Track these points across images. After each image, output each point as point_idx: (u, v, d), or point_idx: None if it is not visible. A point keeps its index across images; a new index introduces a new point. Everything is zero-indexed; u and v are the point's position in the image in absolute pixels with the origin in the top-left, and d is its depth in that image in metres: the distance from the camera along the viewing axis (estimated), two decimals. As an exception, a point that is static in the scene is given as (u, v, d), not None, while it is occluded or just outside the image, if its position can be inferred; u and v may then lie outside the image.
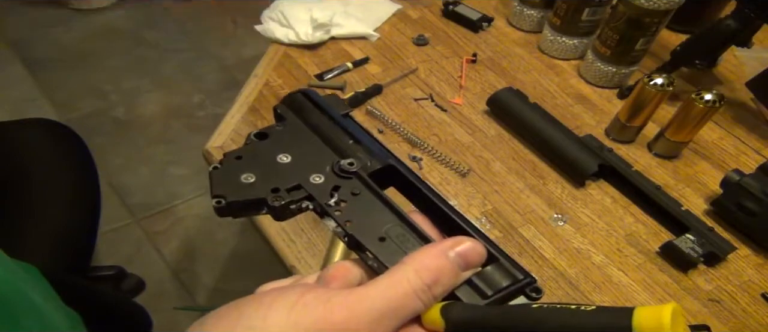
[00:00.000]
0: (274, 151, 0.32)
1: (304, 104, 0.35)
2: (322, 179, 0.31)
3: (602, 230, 0.70)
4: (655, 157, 0.80)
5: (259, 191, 0.31)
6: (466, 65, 0.92)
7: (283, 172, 0.32)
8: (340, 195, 0.31)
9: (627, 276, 0.65)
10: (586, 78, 0.92)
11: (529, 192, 0.74)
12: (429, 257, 0.26)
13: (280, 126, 0.34)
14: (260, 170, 0.31)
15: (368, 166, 0.32)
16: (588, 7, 0.87)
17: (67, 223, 0.89)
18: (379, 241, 0.29)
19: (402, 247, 0.29)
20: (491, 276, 0.27)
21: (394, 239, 0.29)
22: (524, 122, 0.79)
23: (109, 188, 1.63)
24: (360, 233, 0.29)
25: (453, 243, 0.26)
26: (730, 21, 0.80)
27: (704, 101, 0.71)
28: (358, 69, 0.90)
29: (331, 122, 0.34)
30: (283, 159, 0.32)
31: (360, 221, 0.30)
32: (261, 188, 0.31)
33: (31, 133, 0.95)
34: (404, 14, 1.02)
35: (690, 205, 0.73)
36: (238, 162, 0.32)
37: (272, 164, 0.32)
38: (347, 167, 0.32)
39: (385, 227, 0.30)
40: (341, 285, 0.27)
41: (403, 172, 0.33)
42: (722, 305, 0.64)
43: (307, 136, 0.34)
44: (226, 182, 0.31)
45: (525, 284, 0.28)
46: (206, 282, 1.48)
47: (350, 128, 0.34)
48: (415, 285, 0.25)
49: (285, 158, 0.32)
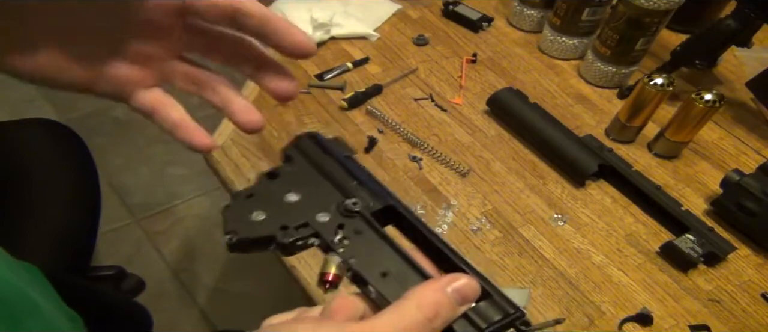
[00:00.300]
0: (283, 190, 0.35)
1: (310, 147, 0.38)
2: (327, 217, 0.34)
3: (602, 230, 0.70)
4: (655, 157, 0.80)
5: (269, 228, 0.33)
6: (466, 65, 0.92)
7: (292, 210, 0.34)
8: (344, 233, 0.33)
9: (627, 276, 0.65)
10: (586, 78, 0.92)
11: (529, 192, 0.74)
12: (429, 292, 0.28)
13: (288, 166, 0.37)
14: (270, 208, 0.34)
15: (370, 206, 0.35)
16: (588, 7, 0.87)
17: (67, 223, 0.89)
18: (381, 276, 0.31)
19: (403, 283, 0.31)
20: (484, 310, 0.30)
21: (395, 275, 0.31)
22: (524, 122, 0.79)
23: (109, 188, 1.63)
24: (363, 269, 0.31)
25: (451, 280, 0.29)
26: (730, 21, 0.80)
27: (704, 101, 0.71)
28: (358, 69, 0.90)
29: (335, 163, 0.37)
30: (291, 198, 0.34)
31: (363, 257, 0.32)
32: (270, 225, 0.33)
33: (31, 133, 0.95)
34: (404, 14, 1.02)
35: (690, 205, 0.73)
36: (249, 200, 0.34)
37: (281, 203, 0.34)
38: (351, 207, 0.34)
39: (386, 264, 0.32)
40: (346, 318, 0.29)
41: (402, 212, 0.35)
42: (722, 305, 0.64)
43: (313, 176, 0.36)
44: (237, 220, 0.33)
45: (515, 318, 0.30)
46: (206, 282, 1.48)
47: (353, 170, 0.36)
48: (417, 319, 0.27)
49: (293, 196, 0.34)
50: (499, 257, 0.66)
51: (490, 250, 0.67)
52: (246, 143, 0.76)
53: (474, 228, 0.69)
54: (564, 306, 0.62)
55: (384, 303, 0.30)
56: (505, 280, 0.64)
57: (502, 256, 0.66)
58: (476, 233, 0.68)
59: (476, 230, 0.69)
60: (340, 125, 0.80)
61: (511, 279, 0.64)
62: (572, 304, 0.62)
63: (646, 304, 0.63)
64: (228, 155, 0.74)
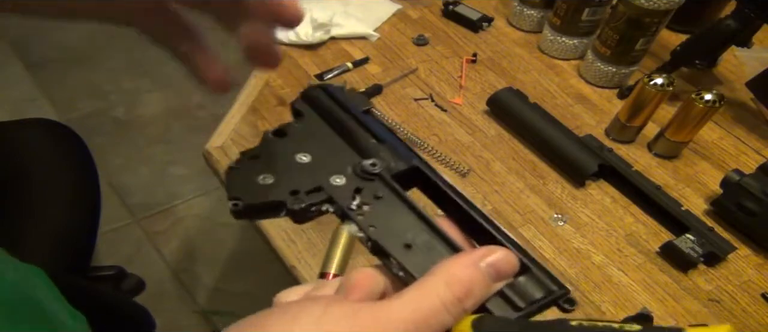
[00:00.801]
0: (292, 150, 0.31)
1: (323, 100, 0.34)
2: (343, 180, 0.30)
3: (602, 230, 0.70)
4: (655, 157, 0.80)
5: (278, 193, 0.29)
6: (466, 65, 0.92)
7: (302, 172, 0.30)
8: (362, 198, 0.29)
9: (627, 276, 0.65)
10: (586, 78, 0.92)
11: (529, 192, 0.74)
12: (460, 268, 0.25)
13: (297, 123, 0.33)
14: (278, 170, 0.30)
15: (392, 167, 0.31)
16: (588, 7, 0.87)
17: (67, 223, 0.89)
18: (404, 248, 0.28)
19: (429, 255, 0.27)
20: (523, 287, 0.26)
21: (420, 246, 0.28)
22: (524, 122, 0.79)
23: (109, 188, 1.63)
24: (384, 239, 0.28)
25: (485, 253, 0.25)
26: (730, 21, 0.80)
27: (704, 101, 0.71)
28: (358, 69, 0.90)
29: (351, 119, 0.33)
30: (302, 159, 0.31)
31: (384, 226, 0.28)
32: (280, 190, 0.29)
33: (31, 133, 0.95)
34: (404, 14, 1.02)
35: (690, 205, 0.73)
36: (255, 162, 0.30)
37: (291, 164, 0.31)
38: (370, 169, 0.30)
39: (410, 234, 0.28)
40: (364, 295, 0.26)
41: (429, 174, 0.31)
42: (722, 305, 0.64)
43: (326, 134, 0.32)
44: (243, 184, 0.29)
45: (559, 296, 0.26)
46: (206, 282, 1.48)
47: (372, 126, 0.33)
48: (445, 298, 0.24)
49: (304, 157, 0.31)
50: (499, 257, 0.66)
51: (490, 250, 0.67)
52: (246, 142, 0.76)
53: (474, 228, 0.69)
54: (564, 306, 0.62)
55: (409, 279, 0.26)
56: (505, 280, 0.64)
57: (502, 256, 0.66)
58: None
59: (476, 230, 0.69)
60: (340, 125, 0.80)
61: (511, 279, 0.64)
62: (572, 304, 0.62)
63: (646, 304, 0.63)
64: (228, 155, 0.74)
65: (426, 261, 0.27)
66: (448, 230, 0.29)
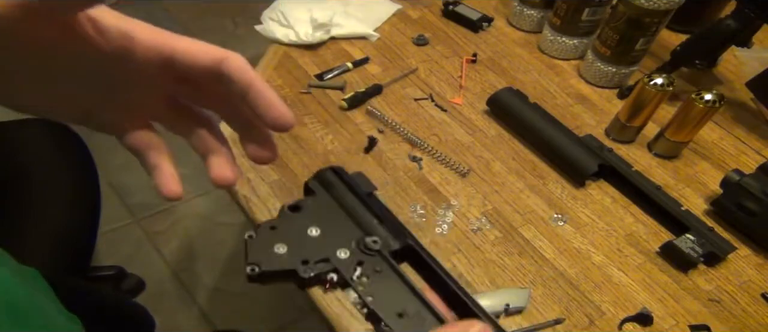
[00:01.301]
0: (304, 224, 0.35)
1: (333, 181, 0.38)
2: (347, 254, 0.34)
3: (602, 230, 0.70)
4: (655, 157, 0.80)
5: (291, 262, 0.33)
6: (466, 65, 0.92)
7: (313, 244, 0.34)
8: (363, 270, 0.33)
9: (627, 276, 0.65)
10: (586, 78, 0.92)
11: (529, 192, 0.74)
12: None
13: (310, 200, 0.37)
14: (291, 241, 0.34)
15: (390, 245, 0.35)
16: (588, 7, 0.87)
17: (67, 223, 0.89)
18: (397, 316, 0.32)
19: (419, 324, 0.31)
20: None
21: (411, 316, 0.32)
22: (524, 122, 0.79)
23: (109, 188, 1.63)
24: (380, 309, 0.32)
25: (466, 326, 0.29)
26: (730, 21, 0.80)
27: (704, 101, 0.71)
28: (358, 69, 0.90)
29: (357, 199, 0.37)
30: (312, 232, 0.35)
31: (380, 296, 0.32)
32: (292, 259, 0.33)
33: (31, 133, 0.95)
34: (404, 14, 1.02)
35: (690, 205, 0.73)
36: (272, 232, 0.34)
37: (302, 237, 0.35)
38: (372, 245, 0.34)
39: (403, 304, 0.32)
40: None
41: (419, 251, 0.36)
42: (722, 305, 0.64)
43: (335, 211, 0.37)
44: (260, 251, 0.33)
45: None
46: (206, 282, 1.48)
47: (375, 207, 0.37)
48: None
49: (315, 231, 0.35)
50: (499, 257, 0.66)
51: (490, 250, 0.67)
52: (246, 143, 0.76)
53: (474, 228, 0.69)
54: (564, 306, 0.62)
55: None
56: (505, 280, 0.64)
57: (502, 256, 0.66)
58: (476, 233, 0.68)
59: (476, 230, 0.69)
60: (339, 125, 0.80)
61: (511, 279, 0.64)
62: (572, 304, 0.62)
63: (646, 304, 0.63)
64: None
65: (416, 328, 0.31)
66: (433, 300, 0.33)
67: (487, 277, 0.64)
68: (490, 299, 0.61)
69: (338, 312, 0.59)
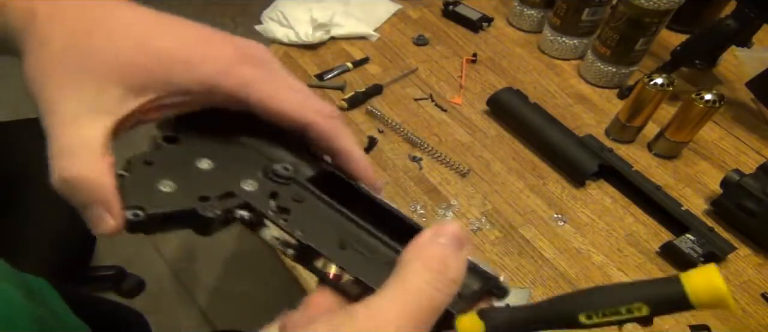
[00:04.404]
0: (190, 156, 0.28)
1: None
2: (255, 186, 0.27)
3: (602, 230, 0.70)
4: (655, 157, 0.80)
5: (184, 201, 0.25)
6: (466, 65, 0.92)
7: (207, 179, 0.27)
8: (279, 203, 0.27)
9: (627, 275, 0.65)
10: (586, 78, 0.92)
11: (529, 192, 0.74)
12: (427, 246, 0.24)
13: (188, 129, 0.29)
14: (178, 177, 0.26)
15: (303, 172, 0.29)
16: (588, 7, 0.87)
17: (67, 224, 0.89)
18: (339, 248, 0.26)
19: (370, 252, 0.26)
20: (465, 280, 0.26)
21: (356, 246, 0.26)
22: (524, 122, 0.79)
23: (109, 188, 1.63)
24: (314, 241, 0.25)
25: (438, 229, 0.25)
26: (730, 21, 0.80)
27: (704, 101, 0.71)
28: (358, 69, 0.90)
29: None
30: (203, 165, 0.27)
31: (311, 228, 0.26)
32: (185, 197, 0.26)
33: (31, 133, 0.95)
34: (404, 14, 1.02)
35: (690, 205, 0.73)
36: (149, 168, 0.27)
37: (190, 170, 0.27)
38: (282, 172, 0.28)
39: (341, 233, 0.26)
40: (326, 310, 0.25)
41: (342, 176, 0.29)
42: (722, 305, 0.64)
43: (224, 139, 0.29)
44: (140, 191, 0.25)
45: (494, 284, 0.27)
46: (206, 282, 1.48)
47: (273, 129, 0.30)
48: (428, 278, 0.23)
49: (205, 163, 0.27)
50: (499, 257, 0.66)
51: (490, 250, 0.67)
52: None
53: (474, 228, 0.69)
54: (564, 306, 0.62)
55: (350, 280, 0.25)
56: (505, 280, 0.64)
57: (502, 256, 0.66)
58: (476, 233, 0.68)
59: (476, 230, 0.69)
60: (340, 125, 0.80)
61: (511, 278, 0.64)
62: (572, 304, 0.62)
63: (646, 304, 0.63)
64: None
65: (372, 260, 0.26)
66: None
67: (487, 277, 0.64)
68: (490, 299, 0.61)
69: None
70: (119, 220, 0.25)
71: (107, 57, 0.25)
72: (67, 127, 0.24)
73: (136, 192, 0.25)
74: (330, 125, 0.29)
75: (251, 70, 0.27)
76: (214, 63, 0.27)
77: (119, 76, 0.25)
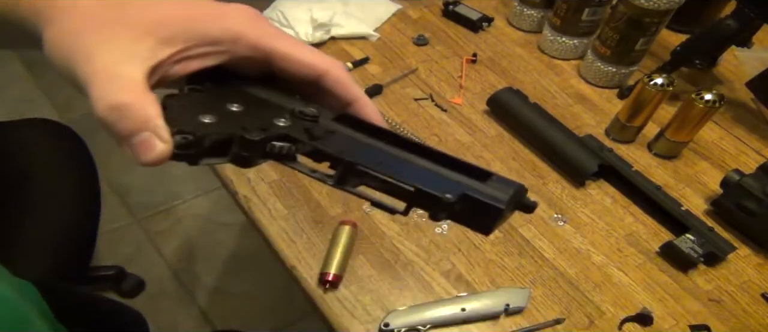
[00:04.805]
0: (220, 99, 0.28)
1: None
2: (288, 121, 0.28)
3: (602, 230, 0.70)
4: (655, 157, 0.80)
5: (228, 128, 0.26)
6: (466, 65, 0.92)
7: (241, 117, 0.28)
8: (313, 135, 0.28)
9: (627, 275, 0.65)
10: (586, 78, 0.92)
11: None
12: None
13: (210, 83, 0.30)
14: (216, 113, 0.27)
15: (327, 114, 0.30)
16: (588, 7, 0.87)
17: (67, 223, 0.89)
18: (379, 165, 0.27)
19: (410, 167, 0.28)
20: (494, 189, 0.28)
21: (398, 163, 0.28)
22: (524, 122, 0.79)
23: (109, 188, 1.64)
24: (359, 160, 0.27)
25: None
26: (730, 21, 0.80)
27: (704, 101, 0.71)
28: (358, 69, 0.90)
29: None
30: (233, 108, 0.28)
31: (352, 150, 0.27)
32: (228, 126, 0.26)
33: (31, 133, 0.95)
34: (404, 14, 1.02)
35: (690, 205, 0.73)
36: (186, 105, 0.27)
37: (224, 111, 0.28)
38: (310, 111, 0.29)
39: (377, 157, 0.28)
40: None
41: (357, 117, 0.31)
42: (722, 305, 0.64)
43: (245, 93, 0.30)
44: (185, 120, 0.26)
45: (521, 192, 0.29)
46: (206, 282, 1.48)
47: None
48: None
49: (234, 107, 0.28)
50: (499, 257, 0.66)
51: (490, 250, 0.67)
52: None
53: (474, 228, 0.69)
54: (564, 306, 0.62)
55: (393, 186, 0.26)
56: (505, 280, 0.64)
57: (502, 256, 0.66)
58: (476, 233, 0.68)
59: (476, 230, 0.69)
60: (340, 125, 0.80)
61: (511, 279, 0.64)
62: (572, 304, 0.62)
63: (646, 304, 0.63)
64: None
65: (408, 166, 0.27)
66: None
67: (487, 277, 0.64)
68: (490, 299, 0.61)
69: (338, 313, 0.59)
70: (169, 144, 0.25)
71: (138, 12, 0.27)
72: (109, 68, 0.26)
73: (181, 120, 0.26)
74: (345, 73, 0.31)
75: (269, 26, 0.31)
76: (238, 16, 0.30)
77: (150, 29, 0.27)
